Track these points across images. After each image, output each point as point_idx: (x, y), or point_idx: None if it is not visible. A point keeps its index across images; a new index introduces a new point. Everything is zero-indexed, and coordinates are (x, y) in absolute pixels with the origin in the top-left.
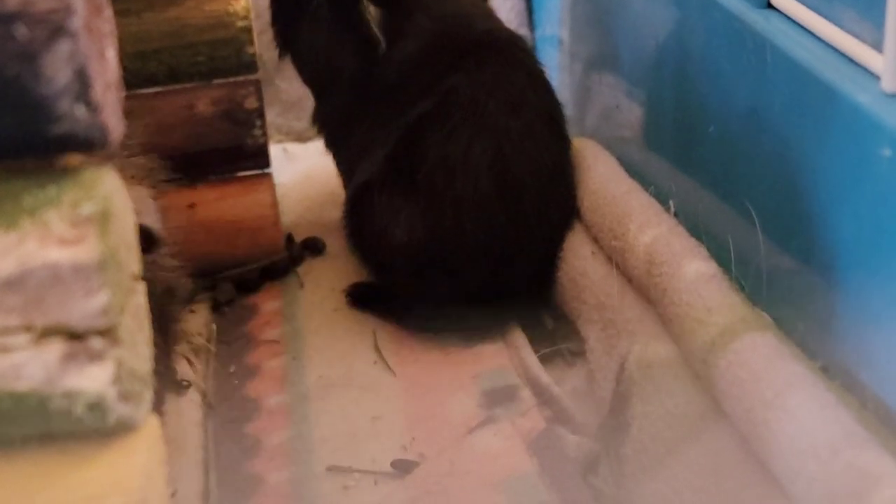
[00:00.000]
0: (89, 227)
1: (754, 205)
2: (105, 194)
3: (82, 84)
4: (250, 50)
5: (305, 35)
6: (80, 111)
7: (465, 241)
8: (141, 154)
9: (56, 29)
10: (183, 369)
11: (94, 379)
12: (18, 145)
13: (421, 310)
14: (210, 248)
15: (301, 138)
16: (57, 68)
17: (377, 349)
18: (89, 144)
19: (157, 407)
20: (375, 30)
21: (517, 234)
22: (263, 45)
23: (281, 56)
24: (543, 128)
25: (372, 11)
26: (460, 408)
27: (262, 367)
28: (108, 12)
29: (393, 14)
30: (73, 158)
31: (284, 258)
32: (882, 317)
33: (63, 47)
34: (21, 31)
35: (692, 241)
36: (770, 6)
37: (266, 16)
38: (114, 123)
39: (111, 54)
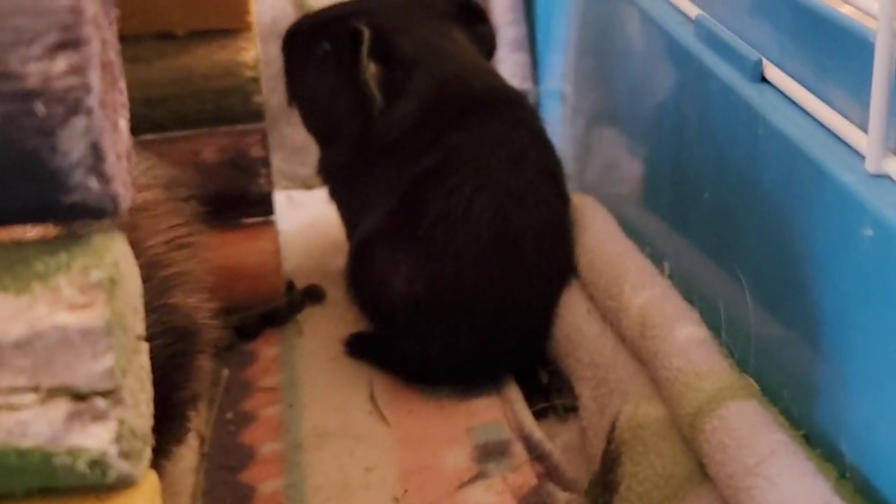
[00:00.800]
0: (98, 293)
1: (744, 272)
2: (113, 261)
3: (96, 157)
4: (257, 99)
5: (309, 84)
6: (93, 182)
7: (464, 294)
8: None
9: (73, 106)
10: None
11: (96, 437)
12: (33, 214)
13: (418, 361)
14: (210, 293)
15: (306, 185)
16: (72, 143)
17: (373, 399)
18: (100, 213)
19: (166, 456)
20: (373, 86)
21: (515, 290)
22: (270, 89)
23: (289, 104)
24: (543, 185)
25: (371, 68)
26: (453, 461)
27: (259, 415)
28: (122, 85)
29: (393, 72)
30: (84, 226)
31: (284, 305)
32: (859, 388)
33: (79, 123)
34: (40, 108)
35: (685, 305)
36: (764, 80)
37: (274, 65)
38: (123, 193)
39: (123, 125)
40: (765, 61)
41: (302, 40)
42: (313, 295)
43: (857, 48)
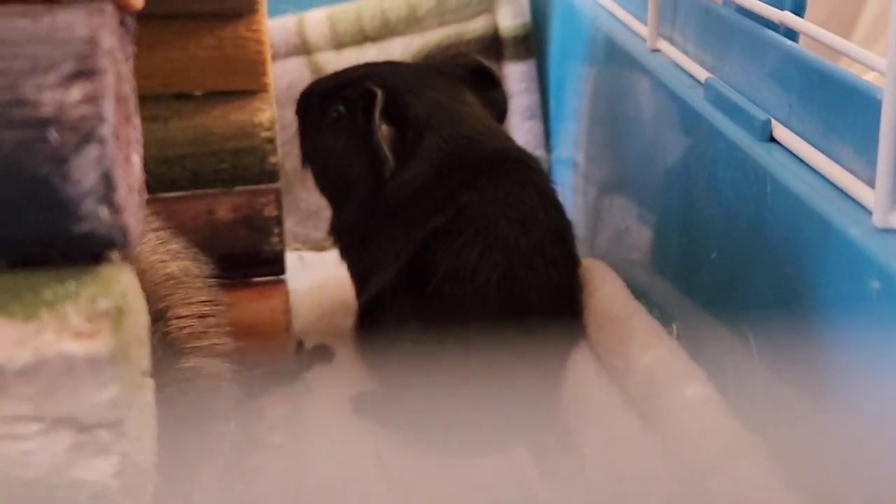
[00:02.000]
0: (104, 322)
1: (752, 329)
2: (121, 291)
3: (107, 187)
4: (272, 159)
5: (323, 146)
6: (104, 212)
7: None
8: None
9: (86, 135)
10: None
11: (98, 470)
12: (43, 242)
13: (425, 420)
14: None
15: (318, 247)
16: (84, 171)
17: (380, 458)
18: (110, 244)
19: None
20: (385, 147)
21: (523, 349)
22: (285, 153)
23: (303, 165)
24: (552, 246)
25: (384, 130)
26: None
27: (265, 472)
28: (137, 121)
29: (405, 133)
30: (94, 255)
31: (293, 364)
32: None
33: (92, 152)
34: (54, 135)
35: (692, 364)
36: (772, 140)
37: (290, 130)
38: (134, 225)
39: (136, 160)
40: (773, 121)
41: (316, 102)
42: (322, 354)
43: (864, 105)
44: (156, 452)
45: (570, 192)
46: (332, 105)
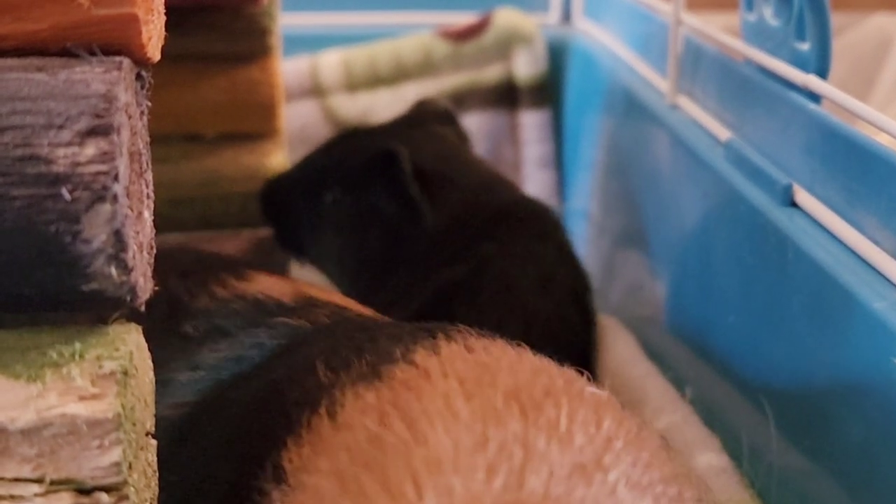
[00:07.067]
0: (110, 384)
1: (769, 399)
2: (128, 352)
3: (118, 246)
4: None
5: (328, 237)
6: (113, 271)
7: None
8: None
9: (99, 193)
10: None
11: None
12: (50, 300)
13: None
14: None
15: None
16: (96, 229)
17: None
18: (118, 303)
19: None
20: (422, 201)
21: None
22: None
23: (301, 263)
24: (570, 308)
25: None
26: None
27: None
28: (149, 176)
29: (428, 186)
30: (101, 315)
31: None
32: None
33: (103, 210)
34: (66, 193)
35: (706, 432)
36: (794, 205)
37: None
38: (143, 284)
39: (147, 215)
40: (795, 185)
41: (305, 192)
42: None
43: (890, 175)
44: None
45: (583, 243)
46: (327, 191)
